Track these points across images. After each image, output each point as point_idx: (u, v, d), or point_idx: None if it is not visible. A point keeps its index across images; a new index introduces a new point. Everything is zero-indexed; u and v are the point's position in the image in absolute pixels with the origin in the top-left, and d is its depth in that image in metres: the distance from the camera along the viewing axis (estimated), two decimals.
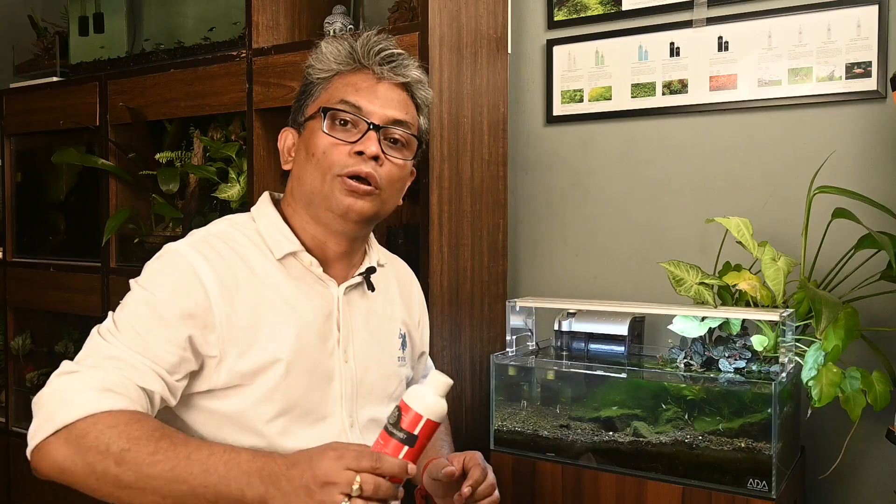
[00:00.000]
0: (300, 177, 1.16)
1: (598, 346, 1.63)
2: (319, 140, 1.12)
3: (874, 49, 1.60)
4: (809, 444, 1.65)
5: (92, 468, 0.93)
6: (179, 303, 1.04)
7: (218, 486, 0.90)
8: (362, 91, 1.13)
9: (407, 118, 1.16)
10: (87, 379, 0.99)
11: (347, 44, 1.16)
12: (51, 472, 0.96)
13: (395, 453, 0.92)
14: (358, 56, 1.15)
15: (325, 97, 1.15)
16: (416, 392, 0.95)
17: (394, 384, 1.26)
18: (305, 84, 1.20)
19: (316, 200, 1.13)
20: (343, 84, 1.15)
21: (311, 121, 1.15)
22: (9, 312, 2.56)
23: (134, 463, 0.91)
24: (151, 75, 2.08)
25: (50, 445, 0.96)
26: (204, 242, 1.11)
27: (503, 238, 1.87)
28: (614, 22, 1.88)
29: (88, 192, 2.38)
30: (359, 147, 1.10)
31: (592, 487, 1.43)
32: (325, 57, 1.16)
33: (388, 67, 1.15)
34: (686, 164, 1.81)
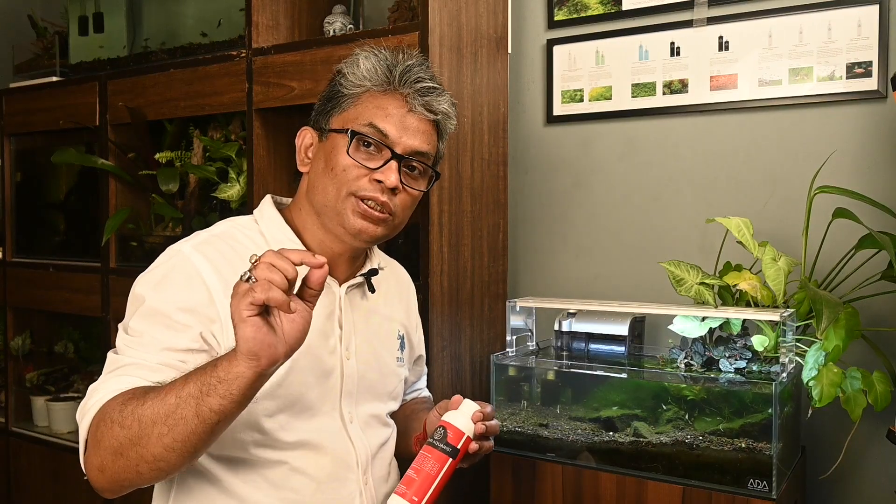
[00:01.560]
0: (315, 185, 1.16)
1: (598, 346, 1.63)
2: (341, 158, 1.12)
3: (875, 49, 1.60)
4: (810, 445, 1.65)
5: (111, 448, 0.93)
6: (184, 303, 1.05)
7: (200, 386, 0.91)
8: (391, 118, 1.13)
9: (429, 150, 1.17)
10: (102, 389, 1.00)
11: (386, 64, 1.15)
12: (100, 480, 0.97)
13: (441, 464, 1.10)
14: (394, 80, 1.14)
15: (353, 113, 1.15)
16: (457, 415, 1.14)
17: (393, 382, 1.28)
18: (334, 91, 1.18)
19: (328, 213, 1.14)
20: (374, 106, 1.14)
21: (336, 134, 1.15)
22: (9, 312, 2.56)
23: (131, 416, 0.92)
24: (151, 75, 2.08)
25: (87, 459, 0.98)
26: (207, 244, 1.12)
27: (503, 238, 1.87)
28: (614, 22, 1.87)
29: (88, 192, 2.38)
30: (379, 176, 1.11)
31: (592, 487, 1.42)
32: (360, 72, 1.15)
33: (421, 100, 1.15)
34: (686, 164, 1.81)
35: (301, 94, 1.77)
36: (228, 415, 0.90)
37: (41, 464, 2.42)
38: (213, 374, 0.90)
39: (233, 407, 0.90)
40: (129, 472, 0.93)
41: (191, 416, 0.89)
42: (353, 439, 1.17)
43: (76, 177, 2.48)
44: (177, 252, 1.10)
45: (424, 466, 1.10)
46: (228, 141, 2.04)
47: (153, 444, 0.90)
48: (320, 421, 1.14)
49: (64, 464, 2.33)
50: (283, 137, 1.92)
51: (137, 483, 0.96)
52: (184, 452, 0.91)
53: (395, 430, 1.30)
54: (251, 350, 0.87)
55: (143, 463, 0.92)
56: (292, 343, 0.91)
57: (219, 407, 0.89)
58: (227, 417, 0.91)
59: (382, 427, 1.25)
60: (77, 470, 1.01)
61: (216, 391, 0.89)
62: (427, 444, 1.13)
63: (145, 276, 1.10)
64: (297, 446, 1.11)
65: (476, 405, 1.15)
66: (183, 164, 2.09)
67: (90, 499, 2.23)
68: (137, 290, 1.08)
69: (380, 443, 1.23)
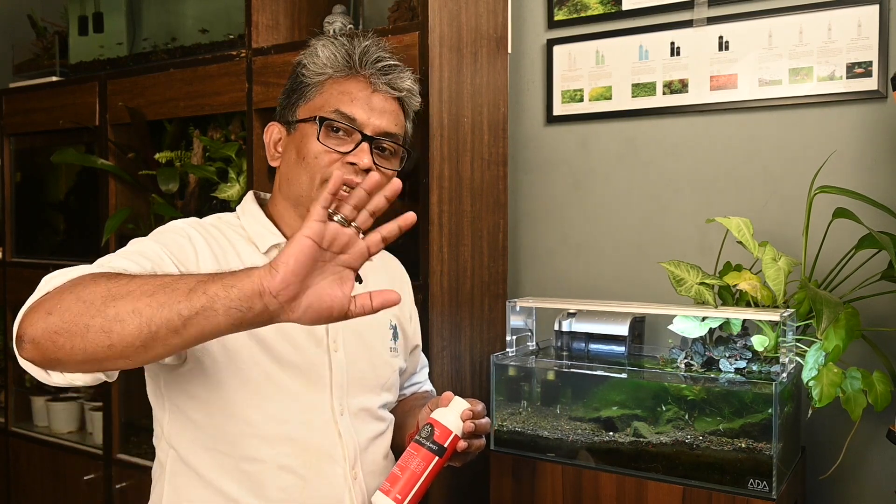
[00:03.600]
0: (289, 177, 1.17)
1: (598, 346, 1.63)
2: (312, 146, 1.14)
3: (875, 49, 1.60)
4: (810, 445, 1.65)
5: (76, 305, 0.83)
6: (169, 249, 1.06)
7: None
8: (357, 101, 1.14)
9: (397, 130, 1.18)
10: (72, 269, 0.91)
11: (344, 49, 1.16)
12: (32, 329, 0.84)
13: (427, 462, 1.09)
14: (355, 63, 1.16)
15: (318, 102, 1.16)
16: (446, 413, 1.12)
17: (386, 373, 1.28)
18: (296, 83, 1.20)
19: (304, 202, 1.15)
20: (338, 91, 1.15)
21: (304, 124, 1.16)
22: (8, 312, 2.56)
23: (116, 283, 0.84)
24: (151, 75, 2.08)
25: (31, 313, 0.86)
26: (199, 225, 1.15)
27: (503, 238, 1.87)
28: (614, 21, 1.87)
29: (88, 192, 2.38)
30: (351, 158, 1.12)
31: (592, 487, 1.42)
32: (321, 60, 1.17)
33: (384, 79, 1.16)
34: (686, 164, 1.81)
35: None
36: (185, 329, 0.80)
37: (41, 464, 2.41)
38: (213, 282, 0.81)
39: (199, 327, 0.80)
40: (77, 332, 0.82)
41: (174, 303, 0.80)
42: (341, 432, 1.16)
43: (76, 177, 2.48)
44: (170, 223, 1.14)
45: (410, 464, 1.09)
46: (228, 141, 2.04)
47: (118, 317, 0.81)
48: (310, 413, 1.14)
49: (64, 464, 2.33)
50: None
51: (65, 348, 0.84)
52: (139, 330, 0.81)
53: (391, 423, 1.29)
54: (285, 278, 0.78)
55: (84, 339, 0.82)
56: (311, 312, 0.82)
57: (204, 309, 0.79)
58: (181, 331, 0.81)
59: (375, 420, 1.24)
60: (77, 470, 1.00)
61: (207, 298, 0.80)
62: (414, 441, 1.12)
63: None
64: (282, 439, 1.11)
65: (466, 403, 1.14)
66: (183, 164, 2.09)
67: (90, 499, 2.23)
68: None
69: (371, 436, 1.22)
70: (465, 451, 1.14)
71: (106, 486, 2.19)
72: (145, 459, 2.11)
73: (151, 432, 1.22)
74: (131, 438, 2.22)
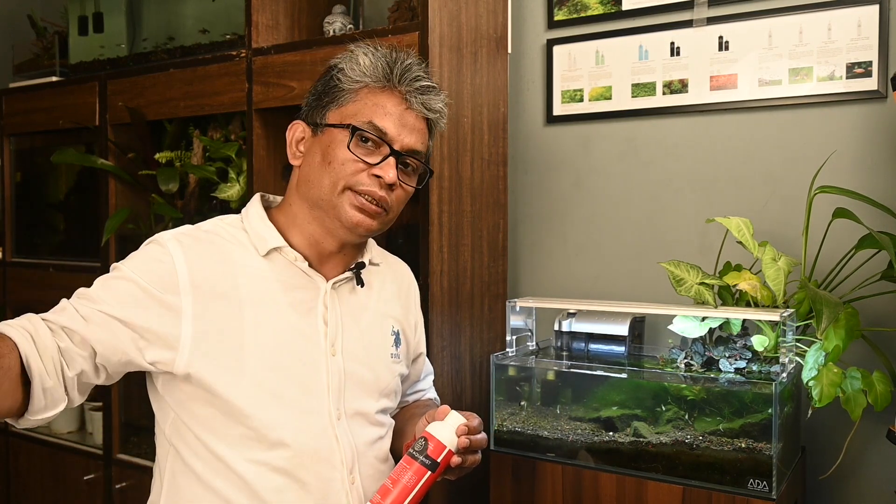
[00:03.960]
0: (310, 178, 1.17)
1: (598, 346, 1.63)
2: (340, 152, 1.14)
3: (875, 49, 1.60)
4: (810, 445, 1.65)
5: None
6: (143, 280, 1.10)
7: None
8: (390, 116, 1.15)
9: (423, 149, 1.20)
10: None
11: (385, 61, 1.16)
12: None
13: (419, 476, 1.08)
14: (393, 78, 1.16)
15: (351, 109, 1.15)
16: (441, 427, 1.12)
17: (386, 379, 1.27)
18: (329, 86, 1.18)
19: (324, 206, 1.16)
20: (372, 103, 1.15)
21: (333, 129, 1.15)
22: (8, 312, 2.56)
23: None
24: (151, 75, 2.08)
25: None
26: (188, 236, 1.16)
27: (503, 238, 1.87)
28: (614, 22, 1.87)
29: (88, 192, 2.38)
30: (377, 171, 1.13)
31: (592, 487, 1.42)
32: (360, 67, 1.16)
33: (420, 99, 1.16)
34: (686, 164, 1.81)
35: (301, 94, 1.77)
36: None
37: (41, 464, 2.41)
38: None
39: None
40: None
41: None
42: (338, 437, 1.16)
43: (76, 177, 2.48)
44: (154, 239, 1.16)
45: (402, 477, 1.08)
46: (228, 141, 2.04)
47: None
48: (305, 418, 1.14)
49: (64, 464, 2.33)
50: (283, 137, 1.90)
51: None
52: None
53: (390, 428, 1.29)
54: None
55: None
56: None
57: None
58: None
59: (372, 425, 1.23)
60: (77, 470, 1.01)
61: None
62: (407, 454, 1.11)
63: None
64: (279, 443, 1.11)
65: (462, 418, 1.13)
66: (183, 164, 2.08)
67: (90, 499, 2.24)
68: None
69: (369, 440, 1.21)
70: (458, 466, 1.13)
71: (106, 486, 2.19)
72: (145, 459, 2.11)
73: (151, 432, 1.22)
74: (131, 438, 2.22)
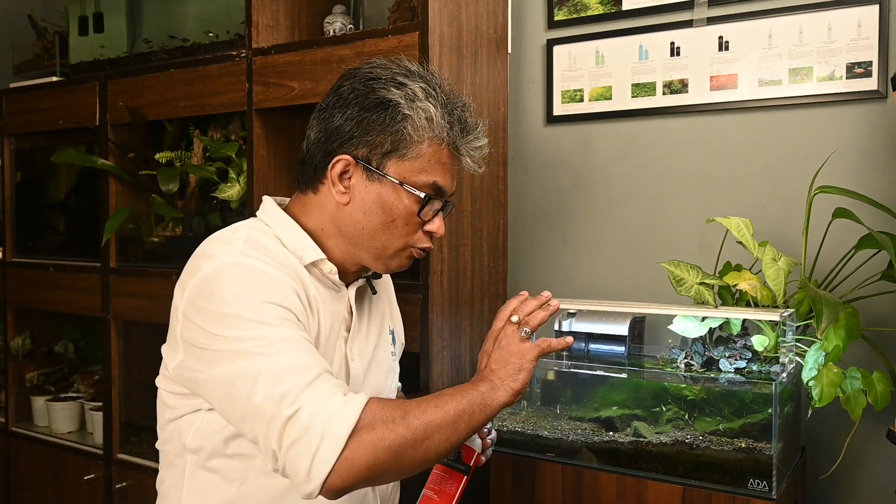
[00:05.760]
0: (360, 225, 1.14)
1: (598, 346, 1.62)
2: (407, 216, 1.13)
3: (875, 49, 1.60)
4: (810, 445, 1.65)
5: (391, 448, 0.97)
6: (293, 313, 1.05)
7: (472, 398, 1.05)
8: (449, 174, 1.15)
9: None
10: (315, 396, 0.97)
11: (448, 121, 1.12)
12: (358, 478, 0.96)
13: (458, 482, 1.18)
14: (456, 143, 1.14)
15: (416, 165, 1.11)
16: None
17: (391, 379, 1.32)
18: (391, 129, 1.10)
19: (372, 254, 1.16)
20: (437, 161, 1.13)
21: (399, 186, 1.11)
22: (9, 312, 2.56)
23: (417, 421, 0.99)
24: (151, 75, 2.08)
25: (347, 458, 0.95)
26: (252, 248, 1.09)
27: (503, 238, 1.87)
28: (614, 22, 1.87)
29: (88, 192, 2.38)
30: (430, 228, 1.15)
31: (592, 487, 1.42)
32: (425, 120, 1.11)
33: (474, 158, 1.17)
34: (686, 164, 1.81)
35: (301, 94, 1.77)
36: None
37: (41, 464, 2.42)
38: (480, 401, 1.05)
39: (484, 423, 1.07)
40: (393, 470, 0.99)
41: (463, 428, 1.03)
42: None
43: (76, 177, 2.48)
44: (254, 268, 1.06)
45: (444, 487, 1.16)
46: (228, 141, 2.04)
47: (435, 446, 1.00)
48: None
49: (64, 464, 2.33)
50: (283, 137, 1.92)
51: (387, 479, 1.03)
52: (446, 453, 1.04)
53: None
54: (521, 391, 1.08)
55: (415, 462, 1.00)
56: None
57: (479, 424, 1.04)
58: None
59: None
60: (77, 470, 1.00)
61: (482, 414, 1.04)
62: (442, 463, 1.19)
63: (211, 294, 1.04)
64: None
65: None
66: (183, 164, 2.08)
67: (90, 499, 2.24)
68: (213, 307, 1.03)
69: None
70: None
71: (106, 486, 2.19)
72: (145, 459, 2.11)
73: (151, 432, 1.22)
74: (131, 438, 2.22)
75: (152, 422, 1.21)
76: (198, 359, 1.04)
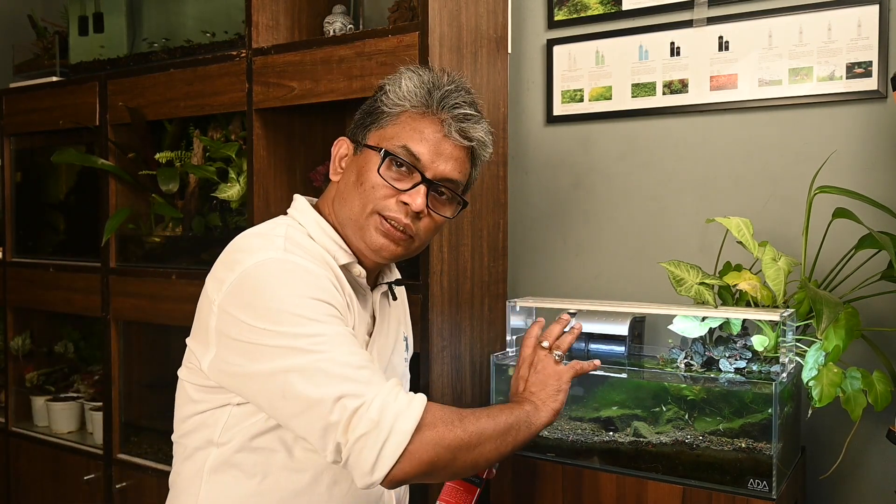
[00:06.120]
0: (343, 197, 1.17)
1: (598, 346, 1.62)
2: (371, 175, 1.14)
3: (875, 49, 1.60)
4: (810, 445, 1.65)
5: (451, 447, 1.02)
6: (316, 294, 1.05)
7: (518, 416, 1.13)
8: (426, 142, 1.14)
9: (459, 177, 1.19)
10: (382, 393, 1.00)
11: (427, 87, 1.15)
12: (418, 471, 1.01)
13: (472, 494, 1.24)
14: (433, 104, 1.15)
15: (390, 132, 1.15)
16: None
17: (403, 383, 1.33)
18: (373, 106, 1.19)
19: (351, 226, 1.16)
20: (410, 128, 1.14)
21: (370, 150, 1.15)
22: (8, 312, 2.56)
23: (473, 426, 1.05)
24: (151, 75, 2.08)
25: (410, 453, 0.99)
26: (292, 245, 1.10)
27: (503, 238, 1.87)
28: (614, 22, 1.87)
29: (88, 192, 2.38)
30: (405, 198, 1.13)
31: (592, 487, 1.42)
32: (401, 91, 1.15)
33: (457, 126, 1.15)
34: (686, 164, 1.81)
35: (301, 94, 1.77)
36: None
37: (41, 464, 2.42)
38: (525, 419, 1.14)
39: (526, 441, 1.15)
40: (447, 468, 1.04)
41: (510, 442, 1.10)
42: None
43: (76, 177, 2.48)
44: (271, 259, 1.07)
45: (458, 498, 1.20)
46: (228, 141, 2.04)
47: (485, 453, 1.06)
48: None
49: (64, 464, 2.33)
50: (283, 137, 1.93)
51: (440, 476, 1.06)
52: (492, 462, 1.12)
53: None
54: (560, 410, 1.18)
55: (466, 465, 1.06)
56: None
57: (523, 440, 1.12)
58: None
59: None
60: (77, 470, 1.00)
61: (526, 431, 1.13)
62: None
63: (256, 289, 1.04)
64: None
65: None
66: (183, 164, 2.08)
67: (90, 499, 2.24)
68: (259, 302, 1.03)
69: None
70: None
71: (106, 486, 2.19)
72: (145, 459, 2.11)
73: (151, 432, 1.22)
74: (131, 438, 2.21)
75: (152, 422, 1.21)
76: (237, 353, 1.04)
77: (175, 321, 2.01)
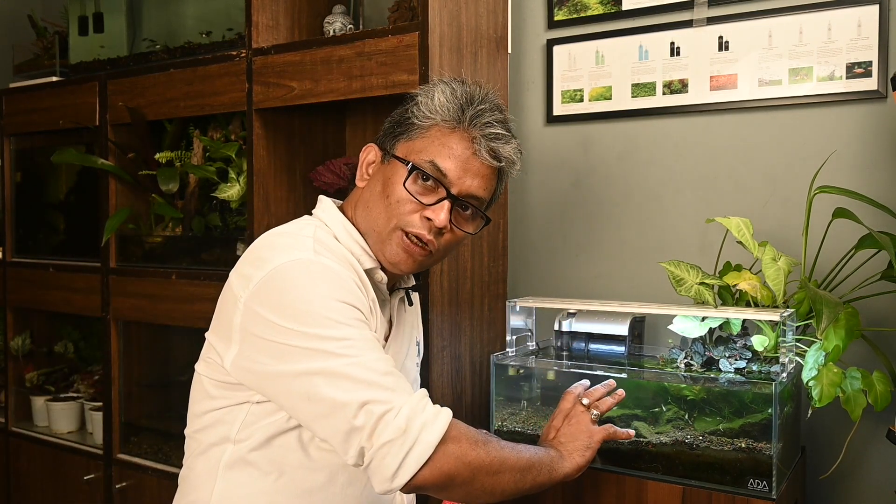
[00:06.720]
0: (368, 206, 1.18)
1: (598, 346, 1.62)
2: (397, 188, 1.13)
3: (875, 49, 1.60)
4: (810, 445, 1.65)
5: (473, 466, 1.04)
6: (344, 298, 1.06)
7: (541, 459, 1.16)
8: (455, 158, 1.13)
9: (485, 195, 1.18)
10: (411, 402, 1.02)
11: (459, 103, 1.15)
12: (437, 483, 1.02)
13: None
14: (465, 121, 1.14)
15: (419, 145, 1.14)
16: None
17: (415, 388, 1.31)
18: (405, 117, 1.18)
19: (374, 237, 1.16)
20: (439, 142, 1.14)
21: (398, 162, 1.15)
22: (8, 312, 2.56)
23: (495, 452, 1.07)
24: (151, 75, 2.08)
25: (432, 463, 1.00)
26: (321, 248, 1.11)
27: (503, 238, 1.87)
28: (614, 22, 1.87)
29: (88, 192, 2.38)
30: (429, 213, 1.12)
31: (592, 487, 1.42)
32: (433, 105, 1.15)
33: (487, 146, 1.14)
34: (686, 164, 1.81)
35: (301, 94, 1.77)
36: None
37: (41, 464, 2.42)
38: (548, 463, 1.16)
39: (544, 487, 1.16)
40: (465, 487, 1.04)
41: (529, 480, 1.11)
42: None
43: (76, 177, 2.48)
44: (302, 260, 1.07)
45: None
46: (228, 141, 2.04)
47: (503, 483, 1.07)
48: None
49: (64, 464, 2.33)
50: (283, 137, 1.93)
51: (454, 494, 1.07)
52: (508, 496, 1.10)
53: None
54: (584, 467, 1.21)
55: (484, 489, 1.06)
56: None
57: (541, 484, 1.14)
58: None
59: None
60: (77, 470, 1.00)
61: (547, 475, 1.15)
62: None
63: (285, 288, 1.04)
64: None
65: None
66: (183, 164, 2.09)
67: (90, 499, 2.24)
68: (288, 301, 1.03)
69: None
70: None
71: (106, 486, 2.19)
72: (145, 459, 2.11)
73: (151, 432, 1.22)
74: (131, 438, 2.21)
75: (152, 422, 1.21)
76: (262, 351, 1.04)
77: (175, 321, 2.01)
